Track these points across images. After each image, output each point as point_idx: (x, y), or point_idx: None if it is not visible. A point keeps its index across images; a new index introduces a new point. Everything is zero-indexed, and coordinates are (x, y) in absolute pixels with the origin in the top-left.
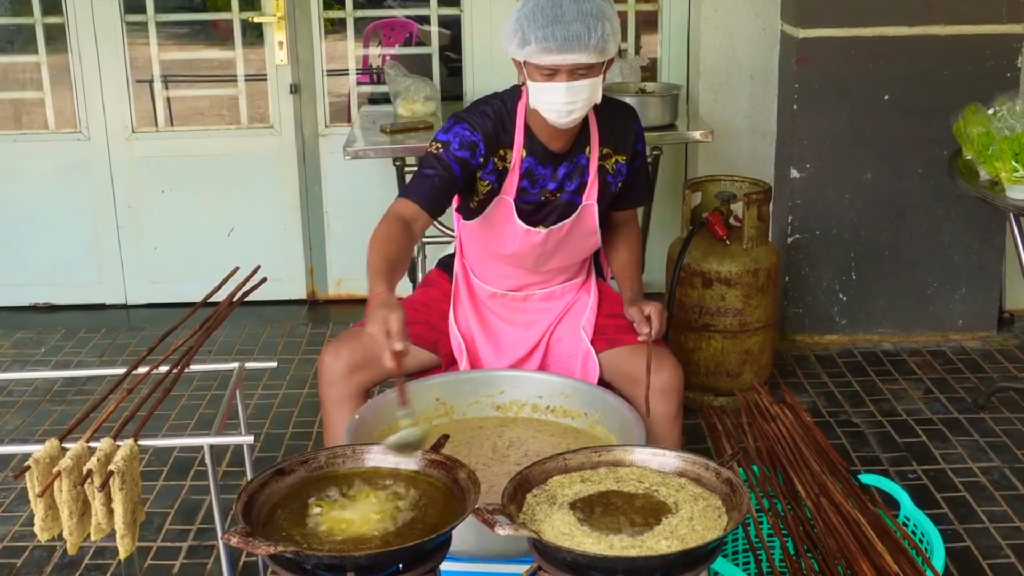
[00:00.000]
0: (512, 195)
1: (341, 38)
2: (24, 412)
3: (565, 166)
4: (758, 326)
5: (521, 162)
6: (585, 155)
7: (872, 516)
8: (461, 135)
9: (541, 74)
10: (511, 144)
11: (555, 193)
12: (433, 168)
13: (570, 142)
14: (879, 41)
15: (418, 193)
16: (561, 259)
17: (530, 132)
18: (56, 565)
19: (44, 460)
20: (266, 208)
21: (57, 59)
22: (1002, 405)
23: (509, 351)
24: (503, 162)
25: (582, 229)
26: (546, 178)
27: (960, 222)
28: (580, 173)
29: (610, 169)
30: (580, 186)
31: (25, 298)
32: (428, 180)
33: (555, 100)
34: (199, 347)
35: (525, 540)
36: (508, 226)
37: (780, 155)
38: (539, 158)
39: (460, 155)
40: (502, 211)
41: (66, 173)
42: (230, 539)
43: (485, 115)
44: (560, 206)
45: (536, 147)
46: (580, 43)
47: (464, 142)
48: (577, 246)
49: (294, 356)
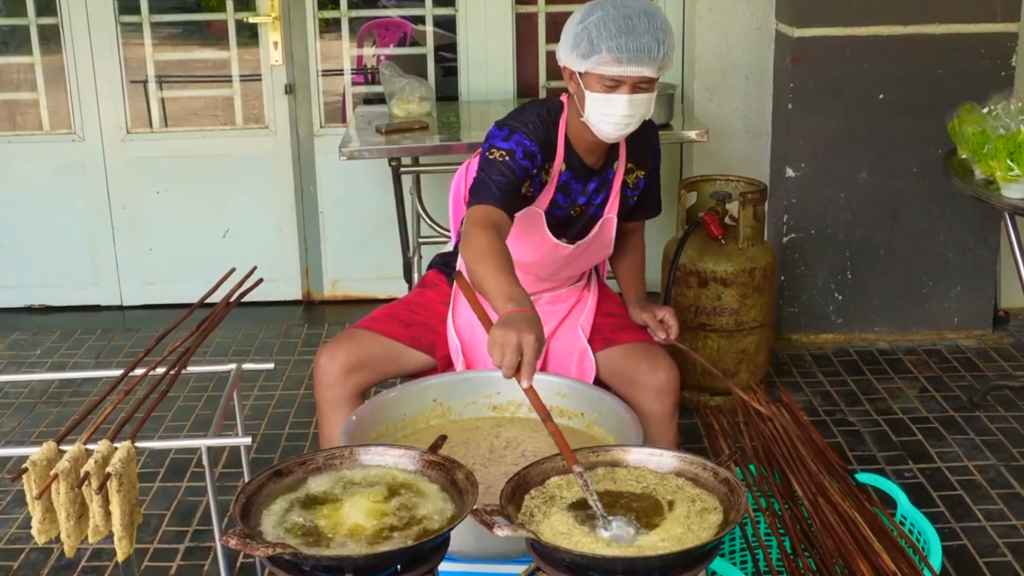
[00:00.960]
0: (544, 207)
1: (336, 38)
2: (20, 414)
3: (595, 180)
4: (754, 325)
5: (559, 175)
6: (613, 170)
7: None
8: (523, 144)
9: (603, 85)
10: (553, 157)
11: (584, 208)
12: (504, 176)
13: (603, 157)
14: (874, 40)
15: (499, 198)
16: (575, 269)
17: (570, 146)
18: (53, 567)
19: (41, 462)
20: (261, 209)
21: (51, 60)
22: (998, 403)
23: None
24: (547, 175)
25: (600, 242)
26: (578, 192)
27: (955, 221)
28: (606, 187)
29: (631, 184)
30: (604, 200)
31: (20, 300)
32: (503, 185)
33: (615, 112)
34: (196, 348)
35: (523, 541)
36: (535, 237)
37: (775, 154)
38: (575, 172)
39: (524, 164)
40: (531, 222)
41: (61, 174)
42: (228, 541)
43: (538, 126)
44: (585, 219)
45: (575, 161)
46: (650, 56)
47: (527, 152)
48: (592, 257)
49: (290, 357)
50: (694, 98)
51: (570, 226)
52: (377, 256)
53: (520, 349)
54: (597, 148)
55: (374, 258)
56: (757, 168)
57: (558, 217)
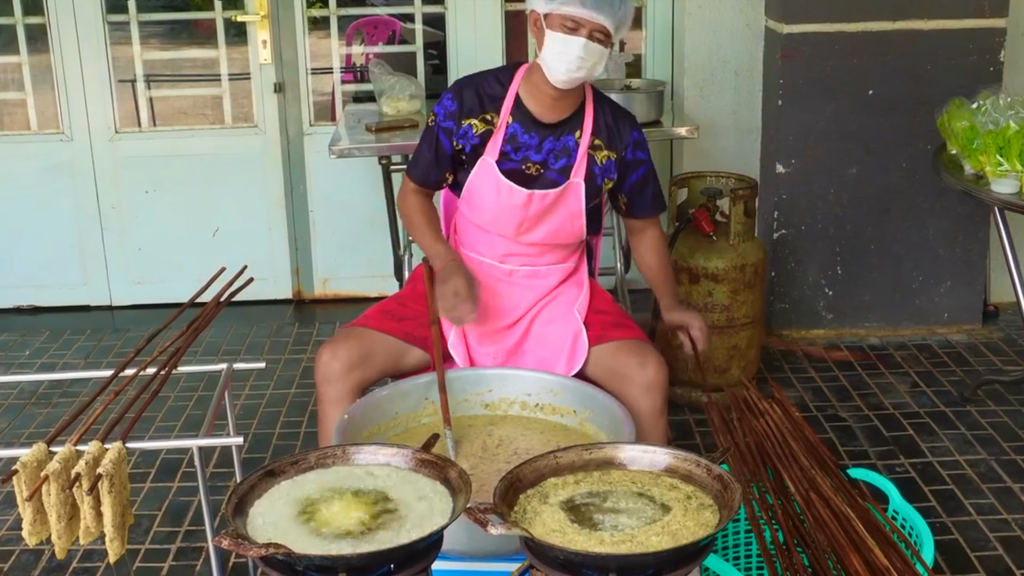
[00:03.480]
0: (495, 156)
1: (324, 36)
2: (9, 415)
3: (551, 141)
4: (745, 321)
5: (507, 127)
6: (574, 139)
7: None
8: (444, 105)
9: (564, 26)
10: (499, 109)
11: (538, 167)
12: (427, 143)
13: (559, 117)
14: (863, 36)
15: (417, 173)
16: (544, 234)
17: (519, 101)
18: (44, 569)
19: (32, 464)
20: (251, 208)
21: (39, 59)
22: (988, 398)
23: (488, 319)
24: (488, 125)
25: (566, 208)
26: (530, 148)
27: (945, 216)
28: (567, 154)
29: (599, 160)
30: (566, 168)
31: (9, 300)
32: (424, 159)
33: (570, 52)
34: (186, 348)
35: (517, 539)
36: (489, 184)
37: (765, 150)
38: (524, 126)
39: (445, 125)
40: (485, 171)
41: (49, 174)
42: (221, 541)
43: (473, 82)
44: (543, 181)
45: (522, 115)
46: (611, 7)
47: (447, 112)
48: (561, 226)
49: (281, 356)
50: (684, 95)
51: (527, 183)
52: (368, 254)
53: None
54: (551, 107)
55: (364, 256)
56: (747, 164)
57: (511, 171)
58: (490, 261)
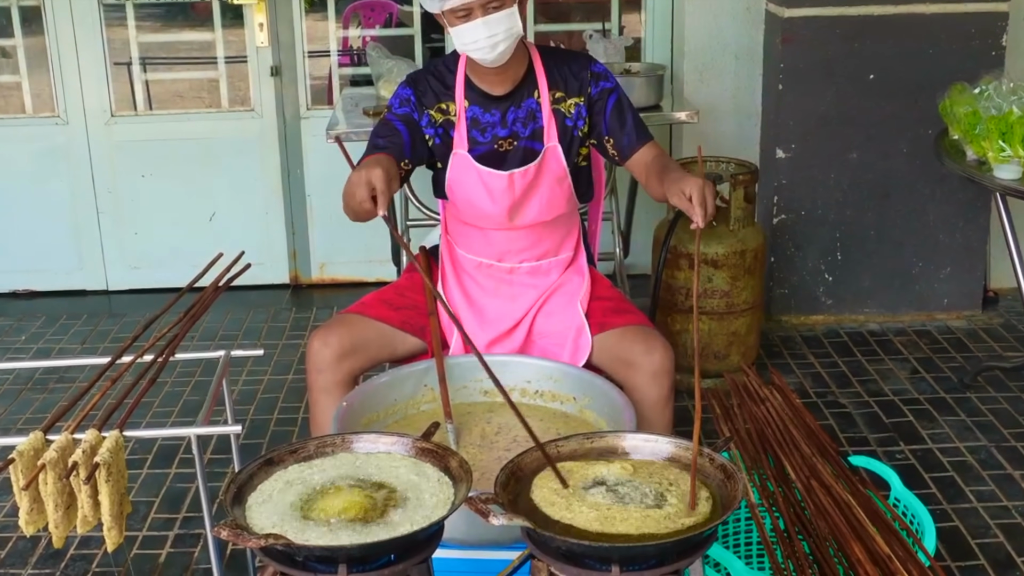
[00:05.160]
0: (465, 147)
1: (321, 19)
2: (5, 401)
3: (513, 111)
4: (745, 307)
5: (465, 112)
6: (535, 100)
7: (863, 498)
8: (400, 94)
9: (458, 17)
10: (453, 97)
11: (509, 141)
12: (379, 135)
13: (511, 85)
14: (864, 20)
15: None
16: (537, 209)
17: (469, 82)
18: (41, 556)
19: (28, 452)
20: (248, 192)
21: (34, 42)
22: (988, 384)
23: (493, 324)
24: (445, 115)
25: (551, 174)
26: (494, 125)
27: (945, 202)
28: (532, 118)
29: (567, 112)
30: (536, 132)
31: (4, 285)
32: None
33: (477, 37)
34: (184, 334)
35: (517, 528)
36: (470, 176)
37: (765, 135)
38: (482, 106)
39: (401, 112)
40: (461, 164)
41: (44, 158)
42: (220, 532)
43: (423, 71)
44: (519, 154)
45: (476, 95)
46: None
47: (403, 99)
48: (550, 194)
49: (278, 341)
50: (684, 79)
51: (504, 161)
52: (365, 239)
53: (370, 183)
54: (500, 78)
55: (362, 241)
56: (747, 149)
57: (485, 155)
58: (489, 261)
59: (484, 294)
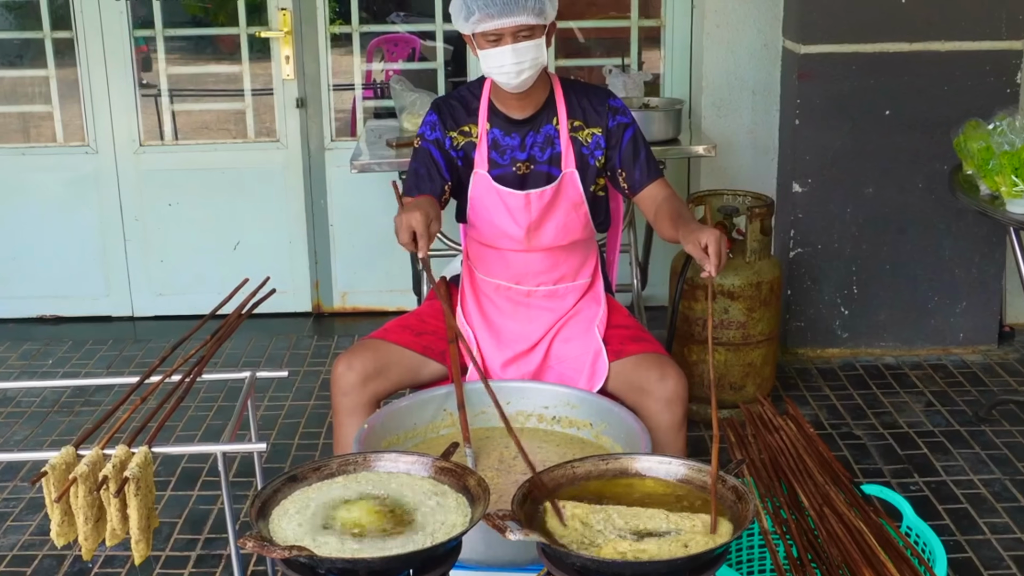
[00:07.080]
0: (485, 168)
1: (346, 53)
2: (32, 423)
3: (532, 135)
4: (761, 339)
5: (487, 134)
6: (553, 126)
7: (875, 526)
8: (428, 120)
9: (488, 41)
10: (476, 120)
11: (527, 164)
12: (418, 160)
13: (532, 110)
14: (880, 57)
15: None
16: (554, 232)
17: (492, 106)
18: (66, 573)
19: (60, 466)
20: (272, 221)
21: (66, 73)
22: (1003, 418)
23: (509, 344)
24: (467, 137)
25: (567, 199)
26: (514, 148)
27: (961, 236)
28: (550, 143)
29: (584, 141)
30: (554, 157)
31: (32, 310)
32: (416, 174)
33: (504, 62)
34: (210, 356)
35: (533, 548)
36: (489, 195)
37: (782, 170)
38: (503, 129)
39: (432, 137)
40: (480, 185)
41: (74, 186)
42: (245, 543)
43: (449, 96)
44: (537, 177)
45: (498, 119)
46: (518, 6)
47: (431, 125)
48: (567, 218)
49: (300, 368)
50: (702, 113)
51: (522, 184)
52: (386, 269)
53: (410, 226)
54: (522, 102)
55: (383, 271)
56: (764, 183)
57: (504, 176)
58: (507, 284)
59: (501, 315)
